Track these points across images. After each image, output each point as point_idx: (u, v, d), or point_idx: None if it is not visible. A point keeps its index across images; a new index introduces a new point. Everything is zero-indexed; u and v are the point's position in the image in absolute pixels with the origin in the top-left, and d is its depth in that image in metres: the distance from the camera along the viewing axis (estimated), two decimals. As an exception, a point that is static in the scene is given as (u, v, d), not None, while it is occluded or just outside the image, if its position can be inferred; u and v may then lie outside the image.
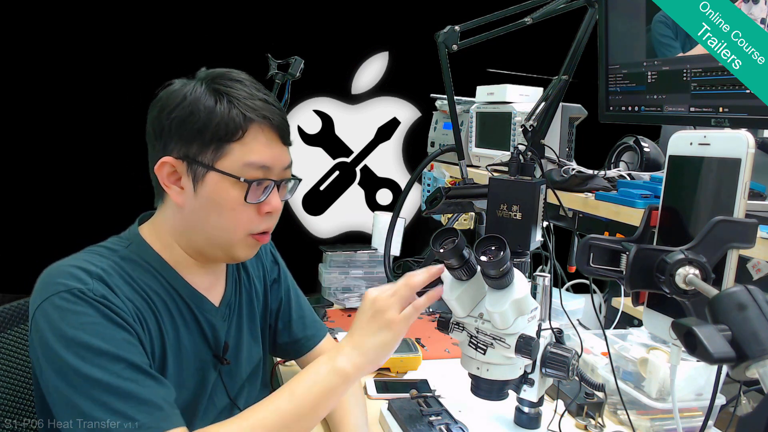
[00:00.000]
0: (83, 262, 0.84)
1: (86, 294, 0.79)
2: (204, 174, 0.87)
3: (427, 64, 1.65)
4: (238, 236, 0.91)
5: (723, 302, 0.47)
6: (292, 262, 1.26)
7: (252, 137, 0.88)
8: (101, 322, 0.79)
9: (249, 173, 0.87)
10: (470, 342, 0.93)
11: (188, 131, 0.87)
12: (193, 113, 0.86)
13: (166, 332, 0.89)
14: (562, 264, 1.27)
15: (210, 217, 0.89)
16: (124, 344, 0.79)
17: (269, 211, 0.92)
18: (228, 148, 0.87)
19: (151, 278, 0.91)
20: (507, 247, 0.81)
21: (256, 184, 0.88)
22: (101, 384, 0.75)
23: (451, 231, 0.86)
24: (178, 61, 0.95)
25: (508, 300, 0.85)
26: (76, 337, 0.77)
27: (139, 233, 0.94)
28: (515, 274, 0.87)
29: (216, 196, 0.88)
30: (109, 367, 0.76)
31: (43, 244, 2.42)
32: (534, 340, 0.89)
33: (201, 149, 0.87)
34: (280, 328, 1.17)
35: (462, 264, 0.86)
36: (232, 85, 0.88)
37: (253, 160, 0.87)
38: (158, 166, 0.88)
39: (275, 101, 0.92)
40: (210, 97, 0.87)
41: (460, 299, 0.90)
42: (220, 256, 0.95)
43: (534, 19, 1.27)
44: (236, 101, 0.87)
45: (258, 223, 0.91)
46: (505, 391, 0.97)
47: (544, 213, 0.96)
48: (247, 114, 0.87)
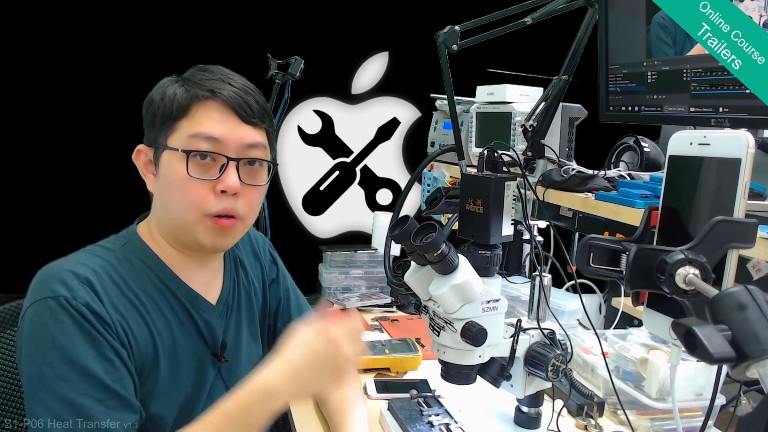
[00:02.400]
0: (75, 264, 0.85)
1: (70, 303, 0.79)
2: (160, 154, 0.90)
3: (427, 64, 1.65)
4: (193, 216, 0.88)
5: (723, 302, 0.47)
6: (292, 262, 1.26)
7: (201, 113, 0.88)
8: (80, 336, 0.79)
9: (192, 145, 0.87)
10: (429, 324, 1.00)
11: (150, 117, 0.91)
12: (154, 100, 0.91)
13: (158, 333, 0.89)
14: (562, 264, 1.27)
15: (168, 198, 0.90)
16: (99, 361, 0.79)
17: (223, 189, 0.88)
18: (176, 125, 0.89)
19: (144, 279, 0.91)
20: (441, 233, 0.87)
21: (200, 157, 0.87)
22: (64, 399, 0.76)
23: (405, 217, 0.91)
24: (179, 62, 0.95)
25: (447, 285, 0.89)
26: (53, 347, 0.78)
27: (137, 232, 0.95)
28: (461, 262, 0.90)
29: (167, 174, 0.89)
30: (77, 383, 0.77)
31: (42, 244, 2.42)
32: (477, 328, 0.91)
33: (158, 132, 0.90)
34: (280, 328, 1.17)
35: (413, 249, 0.90)
36: (194, 73, 0.92)
37: (198, 131, 0.87)
38: (135, 155, 0.94)
39: (247, 86, 0.93)
40: (172, 86, 0.90)
41: (419, 281, 0.96)
42: (189, 243, 0.93)
43: (534, 19, 1.27)
44: (189, 83, 0.90)
45: (213, 202, 0.88)
46: (471, 376, 1.01)
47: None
48: (192, 90, 0.88)
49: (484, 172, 1.02)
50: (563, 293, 1.54)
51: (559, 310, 1.46)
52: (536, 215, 1.63)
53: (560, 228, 1.58)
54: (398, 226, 0.89)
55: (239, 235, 0.95)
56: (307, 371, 0.82)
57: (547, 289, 1.08)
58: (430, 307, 0.99)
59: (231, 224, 0.91)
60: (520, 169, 1.05)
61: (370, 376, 1.36)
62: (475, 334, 0.91)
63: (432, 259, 0.88)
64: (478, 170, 1.03)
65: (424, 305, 1.00)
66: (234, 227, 0.91)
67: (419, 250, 0.88)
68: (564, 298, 1.51)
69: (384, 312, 1.88)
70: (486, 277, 0.97)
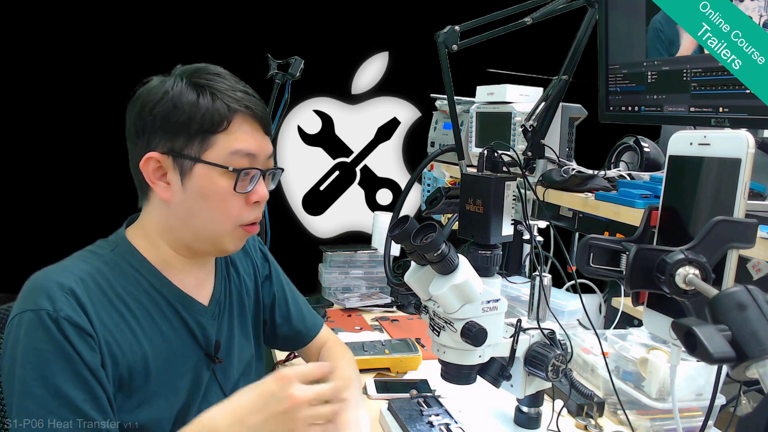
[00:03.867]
0: (62, 273, 0.84)
1: (51, 317, 0.79)
2: (191, 167, 0.88)
3: (427, 64, 1.65)
4: (227, 227, 0.91)
5: (723, 302, 0.47)
6: (292, 262, 1.26)
7: (237, 127, 0.89)
8: (52, 353, 0.78)
9: (236, 162, 0.89)
10: (429, 324, 1.00)
11: (172, 125, 0.87)
12: (177, 107, 0.87)
13: (147, 340, 0.88)
14: (562, 264, 1.27)
15: (200, 210, 0.90)
16: (72, 380, 0.79)
17: (257, 200, 0.92)
18: (214, 139, 0.88)
19: (133, 283, 0.90)
20: (441, 233, 0.87)
21: (244, 173, 0.89)
22: (30, 414, 0.76)
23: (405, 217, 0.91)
24: (179, 62, 0.95)
25: (447, 285, 0.89)
26: (25, 362, 0.78)
27: (125, 236, 0.94)
28: (461, 262, 0.90)
29: (205, 187, 0.88)
30: (48, 401, 0.77)
31: (41, 244, 2.42)
32: (477, 328, 0.91)
33: (186, 142, 0.87)
34: (279, 322, 1.17)
35: (413, 249, 0.90)
36: (212, 78, 0.90)
37: (239, 148, 0.89)
38: (143, 162, 0.88)
39: (254, 93, 0.94)
40: (192, 91, 0.88)
41: (419, 281, 0.96)
42: (209, 249, 0.95)
43: (534, 19, 1.27)
44: (219, 93, 0.89)
45: (247, 213, 0.92)
46: (471, 376, 1.00)
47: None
48: (231, 105, 0.88)
49: (484, 172, 1.02)
50: (563, 293, 1.54)
51: (559, 310, 1.46)
52: (536, 215, 1.63)
53: (560, 228, 1.58)
54: (398, 226, 0.89)
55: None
56: (253, 415, 0.78)
57: (547, 289, 1.08)
58: (430, 307, 0.99)
59: (255, 229, 0.96)
60: (520, 169, 1.05)
61: (370, 376, 1.36)
62: (475, 334, 0.91)
63: (432, 259, 0.88)
64: (478, 170, 1.04)
65: (424, 305, 1.01)
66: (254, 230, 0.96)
67: (419, 250, 0.88)
68: (564, 298, 1.51)
69: (384, 312, 1.88)
70: (486, 277, 0.97)
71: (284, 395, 0.78)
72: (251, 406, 0.79)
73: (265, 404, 0.78)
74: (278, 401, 0.78)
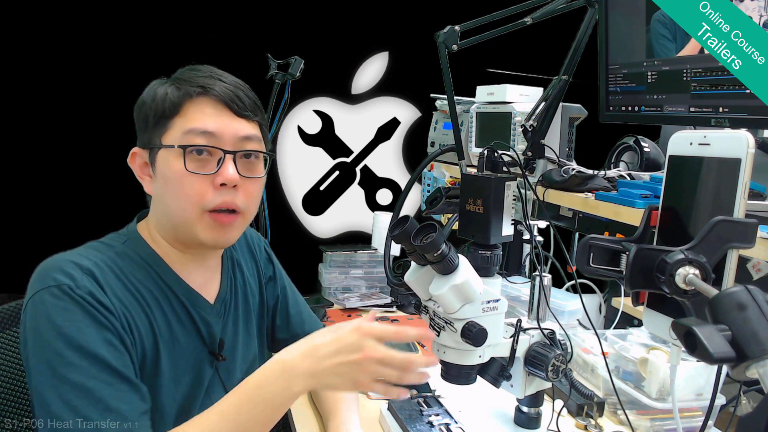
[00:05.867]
0: (77, 256, 0.85)
1: (74, 291, 0.80)
2: (156, 154, 0.90)
3: (427, 64, 1.65)
4: (193, 213, 0.88)
5: (723, 302, 0.47)
6: (292, 262, 1.26)
7: (194, 109, 0.89)
8: (85, 321, 0.79)
9: (188, 140, 0.88)
10: (429, 323, 0.99)
11: (142, 119, 0.92)
12: (146, 102, 0.91)
13: (159, 329, 0.89)
14: (562, 264, 1.27)
15: (167, 197, 0.90)
16: (106, 346, 0.79)
17: (222, 182, 0.88)
18: (170, 123, 0.89)
19: (144, 275, 0.91)
20: (441, 233, 0.86)
21: (197, 152, 0.88)
22: (74, 385, 0.76)
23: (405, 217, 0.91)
24: (178, 62, 0.95)
25: (447, 285, 0.89)
26: (59, 334, 0.77)
27: (137, 230, 0.95)
28: (461, 262, 0.90)
29: (164, 172, 0.89)
30: (86, 367, 0.77)
31: (43, 244, 2.42)
32: (478, 328, 0.91)
33: (152, 132, 0.90)
34: (278, 325, 1.18)
35: (413, 249, 0.90)
36: (184, 72, 0.92)
37: (192, 127, 0.88)
38: (129, 158, 0.94)
39: (236, 81, 0.94)
40: (162, 86, 0.91)
41: (419, 281, 0.96)
42: (190, 241, 0.93)
43: (534, 19, 1.27)
44: (179, 81, 0.90)
45: (211, 196, 0.88)
46: (471, 376, 1.00)
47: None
48: (183, 88, 0.89)
49: (484, 172, 1.02)
50: (563, 293, 1.54)
51: (559, 310, 1.46)
52: (536, 215, 1.63)
53: (560, 228, 1.58)
54: (398, 226, 0.89)
55: (240, 230, 0.95)
56: (327, 358, 0.80)
57: (547, 289, 1.08)
58: (430, 307, 0.99)
59: (231, 220, 0.91)
60: (520, 169, 1.05)
61: (370, 376, 1.35)
62: (475, 334, 0.91)
63: (432, 259, 0.88)
64: (478, 170, 1.03)
65: (424, 305, 1.00)
66: (234, 222, 0.92)
67: (419, 250, 0.88)
68: (564, 298, 1.51)
69: (384, 312, 1.88)
70: (486, 277, 0.97)
71: (358, 346, 0.80)
72: (326, 349, 0.81)
73: (339, 350, 0.80)
74: (351, 350, 0.80)
